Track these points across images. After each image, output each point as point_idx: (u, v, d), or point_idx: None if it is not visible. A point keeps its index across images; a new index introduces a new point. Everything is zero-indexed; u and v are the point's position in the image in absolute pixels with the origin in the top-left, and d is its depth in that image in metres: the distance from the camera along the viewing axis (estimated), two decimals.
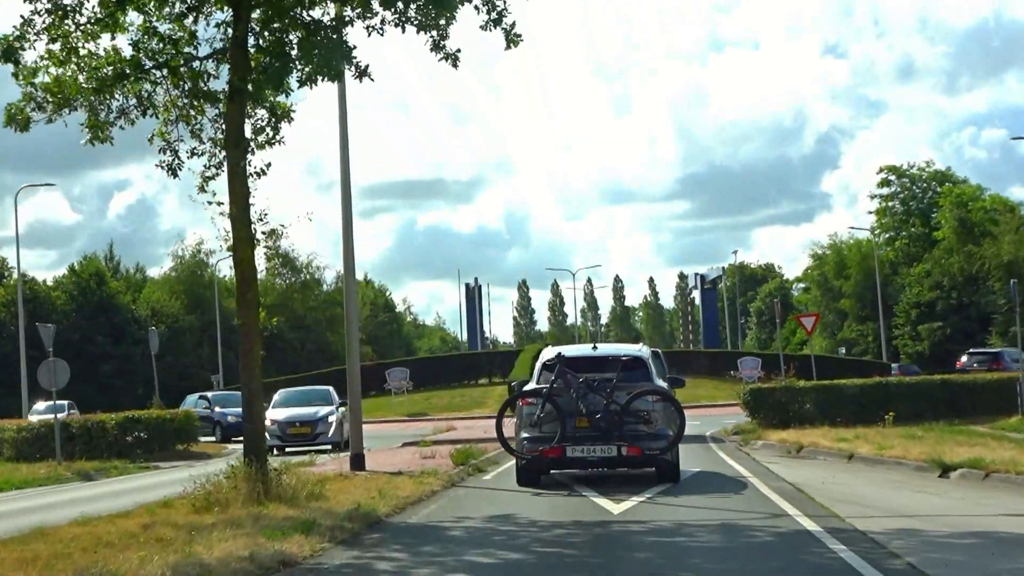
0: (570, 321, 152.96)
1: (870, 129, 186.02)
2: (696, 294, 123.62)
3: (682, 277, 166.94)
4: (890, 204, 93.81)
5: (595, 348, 19.85)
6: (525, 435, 17.78)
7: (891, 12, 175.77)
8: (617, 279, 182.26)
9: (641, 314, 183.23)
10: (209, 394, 44.48)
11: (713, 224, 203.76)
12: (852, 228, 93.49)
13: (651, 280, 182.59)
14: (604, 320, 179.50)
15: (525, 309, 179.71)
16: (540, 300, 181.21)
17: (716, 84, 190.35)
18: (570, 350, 19.25)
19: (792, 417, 33.24)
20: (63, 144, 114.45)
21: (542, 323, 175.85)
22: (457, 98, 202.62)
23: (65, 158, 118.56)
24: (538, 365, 18.72)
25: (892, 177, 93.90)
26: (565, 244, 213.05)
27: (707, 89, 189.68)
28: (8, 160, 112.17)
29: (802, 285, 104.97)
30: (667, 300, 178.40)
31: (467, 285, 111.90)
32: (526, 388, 18.59)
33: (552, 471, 18.66)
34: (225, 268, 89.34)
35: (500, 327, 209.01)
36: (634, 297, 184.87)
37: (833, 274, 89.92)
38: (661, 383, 18.76)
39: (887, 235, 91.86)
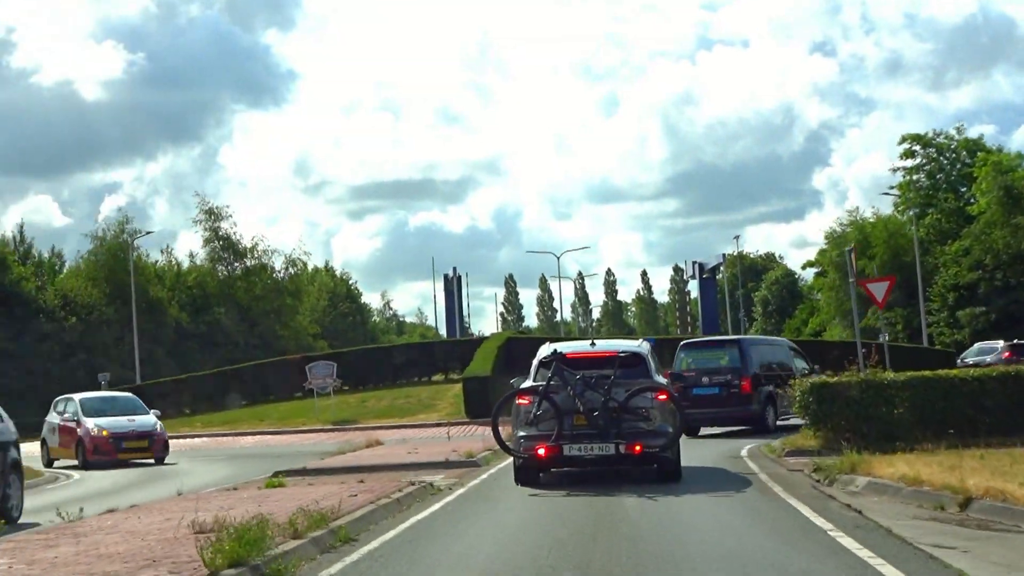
0: (560, 317, 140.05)
1: (860, 127, 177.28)
2: (693, 284, 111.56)
3: (677, 270, 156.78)
4: (915, 177, 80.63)
5: (593, 344, 18.30)
6: (522, 433, 16.77)
7: (879, 9, 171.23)
8: (609, 272, 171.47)
9: (634, 309, 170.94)
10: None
11: (704, 222, 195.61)
12: (885, 193, 79.98)
13: (644, 273, 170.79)
14: (596, 315, 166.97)
15: (513, 305, 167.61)
16: (531, 299, 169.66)
17: (705, 82, 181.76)
18: (567, 346, 18.28)
19: (878, 428, 20.69)
20: (52, 146, 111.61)
21: (530, 319, 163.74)
22: (446, 99, 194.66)
23: (54, 161, 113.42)
24: (535, 362, 17.53)
25: (917, 147, 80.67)
26: (556, 243, 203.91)
27: (696, 87, 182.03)
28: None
29: (814, 270, 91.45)
30: (660, 296, 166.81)
31: (446, 276, 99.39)
32: (523, 386, 17.32)
33: (551, 469, 17.31)
34: (155, 251, 76.36)
35: (488, 325, 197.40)
36: (625, 294, 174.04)
37: (855, 254, 76.39)
38: (660, 379, 17.66)
39: (912, 211, 78.76)
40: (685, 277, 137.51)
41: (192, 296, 71.58)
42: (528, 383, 17.23)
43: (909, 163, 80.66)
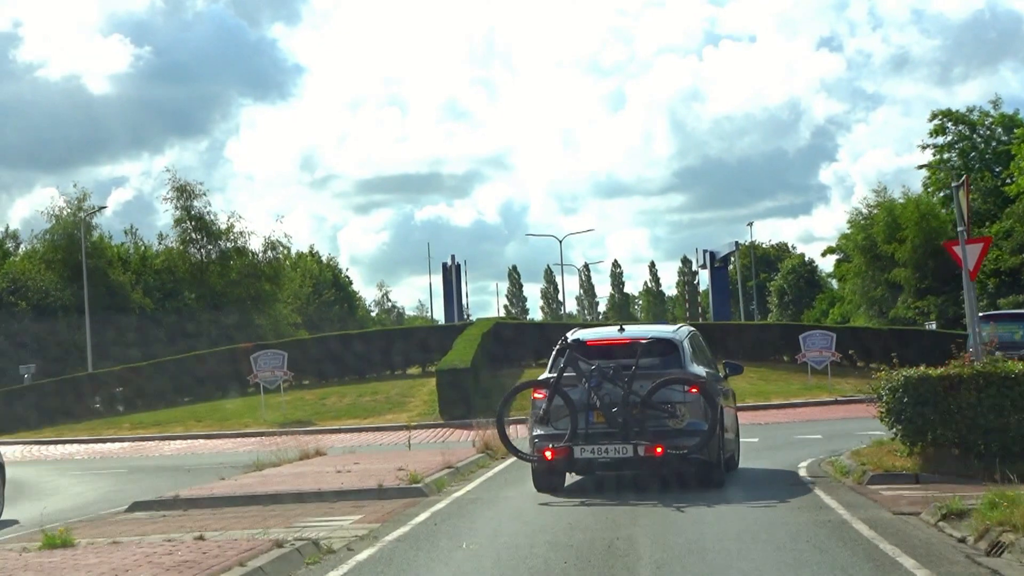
0: (564, 310, 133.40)
1: (866, 122, 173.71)
2: (703, 274, 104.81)
3: (685, 261, 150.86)
4: (945, 156, 73.39)
5: (621, 330, 15.63)
6: (537, 432, 14.54)
7: (886, 5, 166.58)
8: (616, 264, 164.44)
9: (641, 302, 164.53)
10: None
11: (710, 217, 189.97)
12: (922, 167, 73.09)
13: (652, 264, 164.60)
14: (602, 308, 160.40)
15: (517, 297, 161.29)
16: (535, 293, 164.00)
17: (712, 78, 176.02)
18: (589, 333, 15.89)
19: (1001, 443, 14.73)
20: (59, 140, 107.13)
21: (535, 312, 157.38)
22: (453, 94, 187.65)
23: (61, 154, 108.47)
24: (554, 351, 15.04)
25: (949, 124, 73.29)
26: (563, 237, 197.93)
27: (703, 83, 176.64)
28: (5, 156, 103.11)
29: (835, 256, 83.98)
30: (668, 290, 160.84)
31: (444, 265, 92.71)
32: (540, 377, 15.22)
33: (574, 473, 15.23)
34: (117, 231, 69.46)
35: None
36: (632, 288, 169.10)
37: (883, 238, 68.95)
38: (697, 369, 14.81)
39: (954, 185, 71.34)
40: (694, 268, 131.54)
41: (160, 280, 64.52)
42: (546, 374, 15.14)
43: (940, 140, 73.43)
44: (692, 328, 16.63)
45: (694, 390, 14.23)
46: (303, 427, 31.37)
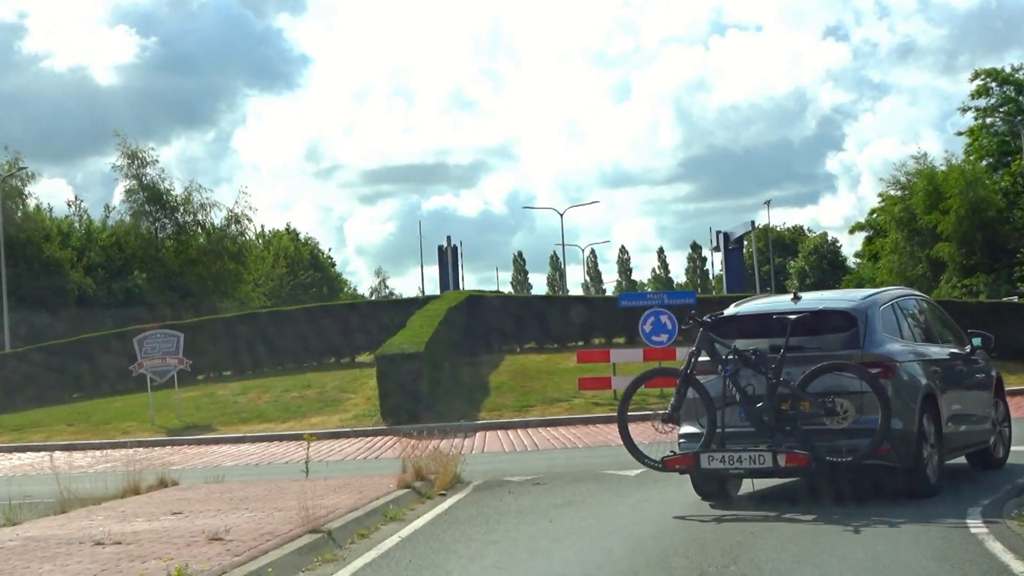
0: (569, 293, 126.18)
1: (873, 111, 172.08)
2: (716, 258, 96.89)
3: (695, 247, 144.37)
4: (988, 120, 65.09)
5: (796, 299, 12.10)
6: (684, 431, 11.68)
7: None
8: (623, 250, 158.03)
9: (650, 289, 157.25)
10: None
11: (716, 207, 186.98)
12: (960, 133, 65.54)
13: (660, 250, 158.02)
14: (609, 295, 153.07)
15: (522, 284, 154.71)
16: (542, 281, 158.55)
17: (718, 67, 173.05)
18: (746, 306, 12.42)
19: None
20: (66, 131, 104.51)
21: None
22: (458, 85, 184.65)
23: (67, 145, 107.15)
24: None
25: (993, 85, 64.85)
26: (569, 228, 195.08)
27: (709, 72, 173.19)
28: (12, 146, 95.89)
29: (863, 234, 75.51)
30: (677, 278, 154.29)
31: (440, 248, 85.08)
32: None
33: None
34: (58, 204, 61.30)
35: None
36: (639, 276, 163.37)
37: (923, 209, 60.37)
38: (890, 348, 11.11)
39: (985, 161, 63.40)
40: (704, 253, 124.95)
41: (107, 258, 56.09)
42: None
43: (982, 103, 65.02)
44: (904, 291, 12.61)
45: (867, 377, 10.65)
46: (199, 434, 22.96)
